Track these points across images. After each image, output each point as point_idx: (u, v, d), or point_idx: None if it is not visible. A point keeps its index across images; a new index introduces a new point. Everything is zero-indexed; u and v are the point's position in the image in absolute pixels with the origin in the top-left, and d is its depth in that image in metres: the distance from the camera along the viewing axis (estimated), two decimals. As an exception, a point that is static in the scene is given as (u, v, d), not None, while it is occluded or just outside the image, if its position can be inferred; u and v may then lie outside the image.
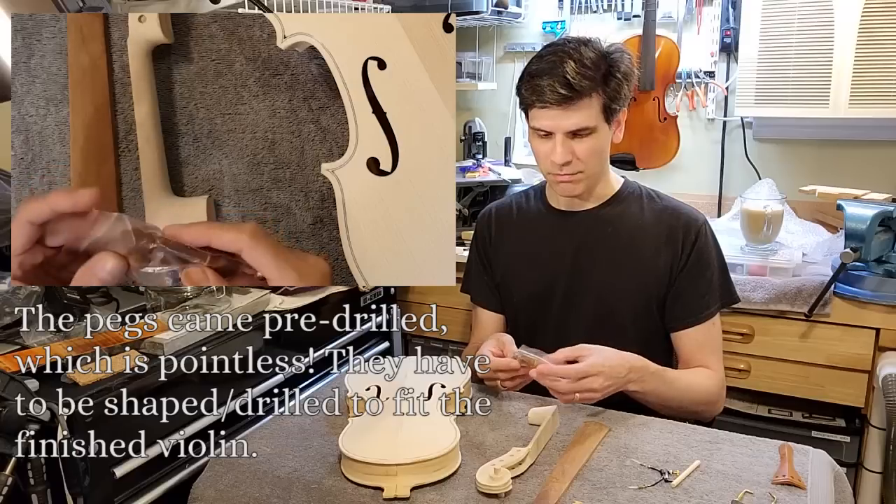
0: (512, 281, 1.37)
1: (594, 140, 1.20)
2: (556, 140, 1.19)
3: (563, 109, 1.16)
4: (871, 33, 1.75)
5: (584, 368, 1.09)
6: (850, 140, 2.05)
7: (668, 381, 1.19)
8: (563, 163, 1.19)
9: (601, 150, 1.23)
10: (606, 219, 1.30)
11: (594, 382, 1.09)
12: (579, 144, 1.19)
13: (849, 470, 1.70)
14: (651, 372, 1.17)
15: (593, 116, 1.17)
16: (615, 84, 1.18)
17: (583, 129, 1.18)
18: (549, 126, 1.19)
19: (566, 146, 1.19)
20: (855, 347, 1.64)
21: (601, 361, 1.11)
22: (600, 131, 1.20)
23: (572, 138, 1.19)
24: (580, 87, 1.14)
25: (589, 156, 1.20)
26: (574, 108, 1.16)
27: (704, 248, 1.27)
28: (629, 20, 2.24)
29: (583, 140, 1.19)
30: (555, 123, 1.18)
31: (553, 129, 1.19)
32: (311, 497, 0.94)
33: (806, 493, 0.91)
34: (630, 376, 1.14)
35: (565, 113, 1.16)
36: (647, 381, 1.16)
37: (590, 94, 1.16)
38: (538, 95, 1.17)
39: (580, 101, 1.16)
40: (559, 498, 0.90)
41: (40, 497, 1.02)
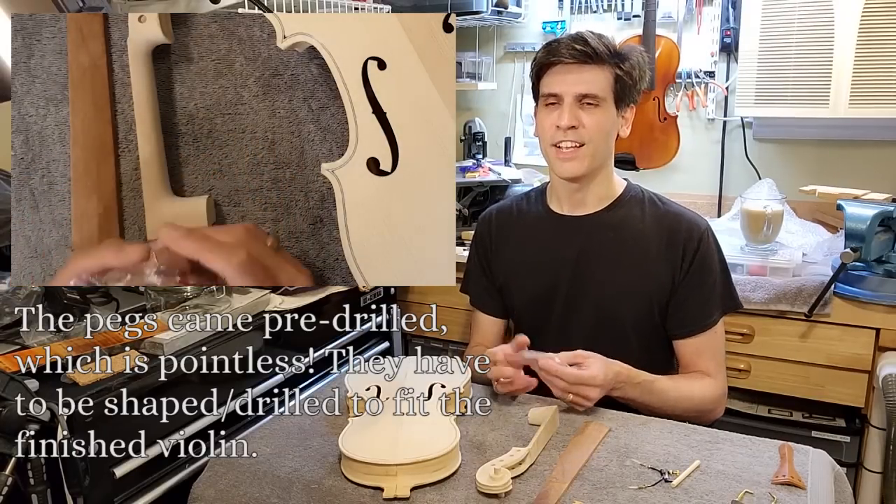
0: (513, 285, 1.37)
1: (601, 115, 1.20)
2: (564, 105, 1.19)
3: (577, 65, 1.18)
4: (871, 33, 1.75)
5: (585, 377, 1.11)
6: (850, 140, 2.05)
7: (654, 392, 1.19)
8: (568, 126, 1.19)
9: (607, 131, 1.22)
10: (608, 223, 1.30)
11: (591, 392, 1.11)
12: (586, 115, 1.19)
13: (849, 470, 1.70)
14: (635, 383, 1.17)
15: (605, 86, 1.19)
16: (629, 65, 1.20)
17: (592, 95, 1.18)
18: (560, 86, 1.19)
19: (573, 111, 1.19)
20: (855, 347, 1.64)
21: (602, 374, 1.11)
22: (608, 109, 1.20)
23: (581, 107, 1.19)
24: (596, 49, 1.17)
25: (594, 129, 1.20)
26: (588, 69, 1.18)
27: (707, 254, 1.26)
28: (629, 20, 2.25)
29: (591, 111, 1.19)
30: (566, 82, 1.19)
31: (563, 91, 1.19)
32: (311, 497, 0.94)
33: (806, 493, 0.91)
34: (615, 384, 1.15)
35: (579, 70, 1.18)
36: (628, 391, 1.17)
37: (604, 62, 1.18)
38: (554, 53, 1.19)
39: (594, 65, 1.18)
40: (559, 498, 0.90)
41: (40, 497, 1.02)
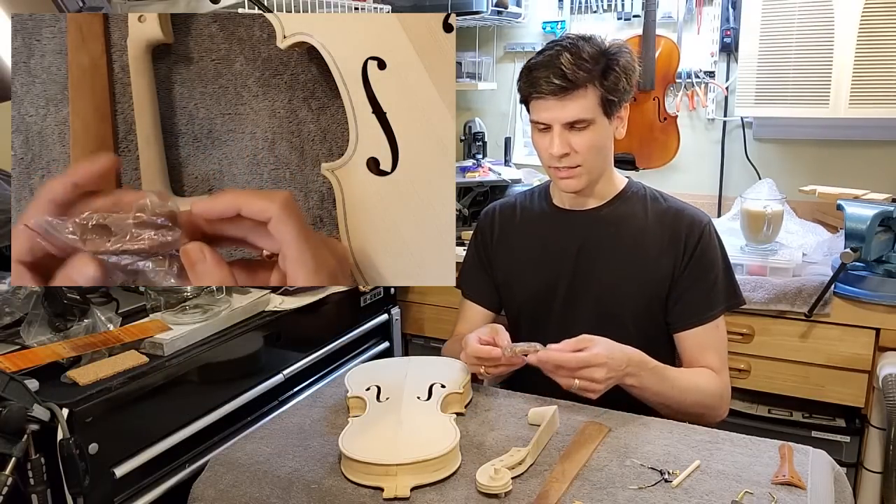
0: (514, 280, 1.37)
1: (592, 134, 1.20)
2: (554, 132, 1.20)
3: (558, 100, 1.17)
4: (871, 33, 1.75)
5: (587, 358, 1.08)
6: (850, 140, 2.05)
7: (667, 378, 1.18)
8: (561, 155, 1.20)
9: (600, 145, 1.23)
10: (609, 219, 1.30)
11: (596, 373, 1.08)
12: (577, 137, 1.20)
13: (849, 470, 1.70)
14: (650, 368, 1.16)
15: (590, 108, 1.18)
16: (613, 77, 1.18)
17: (579, 120, 1.18)
18: (546, 118, 1.20)
19: (563, 138, 1.19)
20: (855, 347, 1.64)
21: (605, 353, 1.09)
22: (599, 125, 1.20)
23: (570, 130, 1.19)
24: (575, 77, 1.16)
25: (587, 149, 1.20)
26: (569, 98, 1.17)
27: (707, 248, 1.27)
28: (629, 20, 2.25)
29: (581, 133, 1.19)
30: (551, 115, 1.19)
31: (550, 121, 1.20)
32: (311, 497, 0.94)
33: (806, 493, 0.91)
34: (628, 370, 1.13)
35: (561, 103, 1.17)
36: (644, 377, 1.15)
37: (585, 85, 1.17)
38: (534, 87, 1.19)
39: (575, 92, 1.17)
40: (559, 498, 0.90)
41: (40, 497, 1.02)
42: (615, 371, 1.10)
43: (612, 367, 1.09)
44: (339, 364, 1.76)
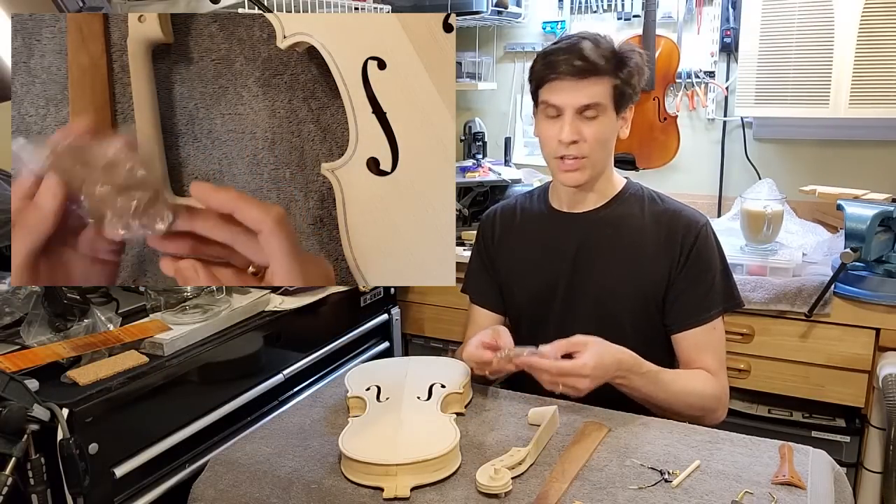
0: (514, 282, 1.37)
1: (601, 125, 1.20)
2: (565, 118, 1.19)
3: (576, 81, 1.18)
4: (871, 33, 1.75)
5: (568, 368, 1.08)
6: (850, 140, 2.05)
7: (660, 381, 1.18)
8: (570, 141, 1.20)
9: (606, 139, 1.23)
10: (607, 220, 1.30)
11: (579, 383, 1.08)
12: (586, 126, 1.20)
13: (849, 470, 1.70)
14: (642, 373, 1.16)
15: (604, 95, 1.19)
16: (628, 72, 1.20)
17: (593, 104, 1.18)
18: (560, 100, 1.19)
19: (574, 125, 1.19)
20: (855, 347, 1.64)
21: (593, 361, 1.09)
22: (608, 117, 1.20)
23: (580, 119, 1.20)
24: (595, 62, 1.17)
25: (594, 139, 1.20)
26: (587, 82, 1.18)
27: (704, 249, 1.26)
28: (629, 20, 2.25)
29: (590, 122, 1.20)
30: (566, 96, 1.19)
31: (563, 104, 1.19)
32: (311, 497, 0.94)
33: (806, 493, 0.91)
34: (617, 374, 1.13)
35: (578, 85, 1.18)
36: (634, 380, 1.16)
37: (603, 73, 1.18)
38: (553, 68, 1.19)
39: (593, 78, 1.18)
40: (559, 498, 0.90)
41: (40, 497, 1.02)
42: (599, 380, 1.11)
43: (597, 377, 1.10)
44: (339, 364, 1.76)
